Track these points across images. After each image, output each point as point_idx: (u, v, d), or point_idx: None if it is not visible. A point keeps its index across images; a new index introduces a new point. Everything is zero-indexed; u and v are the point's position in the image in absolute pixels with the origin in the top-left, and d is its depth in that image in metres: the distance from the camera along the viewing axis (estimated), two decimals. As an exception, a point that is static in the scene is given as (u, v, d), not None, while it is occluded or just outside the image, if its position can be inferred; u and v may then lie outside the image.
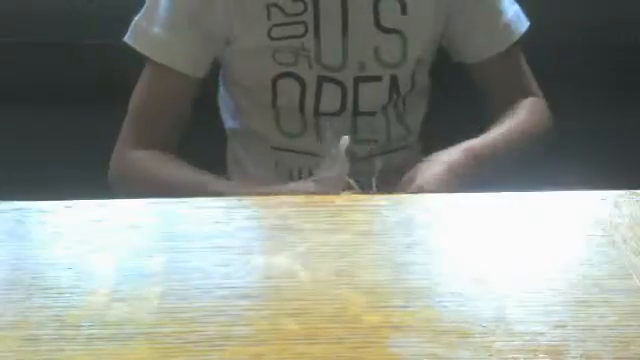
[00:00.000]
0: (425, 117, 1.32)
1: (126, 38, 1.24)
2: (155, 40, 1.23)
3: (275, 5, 1.20)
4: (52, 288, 0.75)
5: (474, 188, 1.03)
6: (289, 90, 1.23)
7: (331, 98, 1.23)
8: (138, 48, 1.23)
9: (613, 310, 0.73)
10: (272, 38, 1.20)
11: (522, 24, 1.29)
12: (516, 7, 1.29)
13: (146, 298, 0.74)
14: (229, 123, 1.33)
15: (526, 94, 1.30)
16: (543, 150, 1.25)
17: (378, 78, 1.23)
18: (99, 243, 0.82)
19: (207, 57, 1.25)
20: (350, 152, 1.24)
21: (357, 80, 1.23)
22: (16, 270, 0.77)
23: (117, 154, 1.25)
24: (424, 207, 0.89)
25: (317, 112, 1.24)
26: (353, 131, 1.24)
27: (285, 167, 1.27)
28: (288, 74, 1.23)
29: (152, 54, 1.23)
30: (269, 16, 1.20)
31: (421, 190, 1.07)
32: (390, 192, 1.08)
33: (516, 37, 1.28)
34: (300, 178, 1.26)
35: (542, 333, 0.71)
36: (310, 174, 1.25)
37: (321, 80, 1.22)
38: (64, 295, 0.74)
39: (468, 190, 0.99)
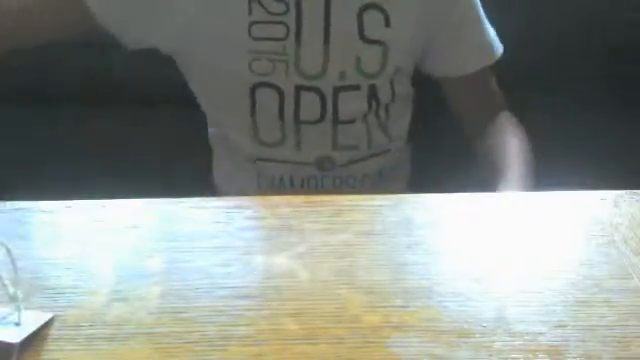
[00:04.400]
0: (409, 124, 1.31)
1: None
2: None
3: (257, 1, 1.18)
4: (52, 288, 0.75)
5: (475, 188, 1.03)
6: (267, 100, 1.21)
7: (310, 107, 1.21)
8: None
9: (613, 310, 0.73)
10: (253, 37, 1.18)
11: (499, 45, 1.29)
12: (492, 30, 1.29)
13: (146, 298, 0.74)
14: (211, 129, 1.31)
15: (495, 109, 1.30)
16: None
17: (357, 87, 1.22)
18: (99, 243, 0.82)
19: (121, 20, 1.19)
20: (330, 159, 1.25)
21: (336, 89, 1.21)
22: (16, 270, 0.77)
23: None
24: (424, 207, 0.89)
25: (297, 120, 1.22)
26: (333, 138, 1.24)
27: (267, 177, 1.26)
28: (265, 84, 1.20)
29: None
30: (250, 11, 1.18)
31: None
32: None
33: (495, 58, 1.28)
34: (281, 186, 1.25)
35: (542, 333, 0.71)
36: (291, 182, 1.25)
37: (299, 89, 1.21)
38: (64, 295, 0.74)
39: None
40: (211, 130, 1.32)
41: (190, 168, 1.38)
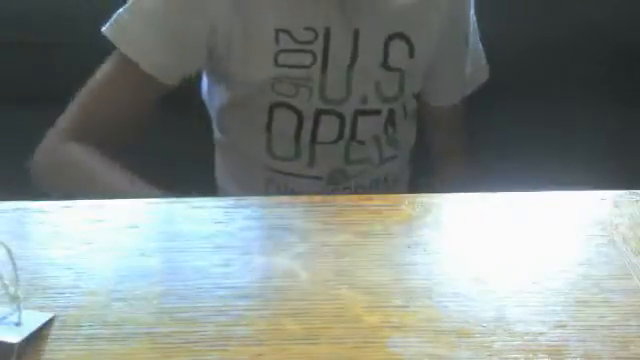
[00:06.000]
0: (415, 138, 1.32)
1: (104, 29, 1.18)
2: (132, 34, 1.17)
3: (285, 31, 1.17)
4: (52, 288, 0.75)
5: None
6: (284, 121, 1.21)
7: (329, 129, 1.22)
8: (112, 38, 1.17)
9: (613, 310, 0.73)
10: (278, 65, 1.18)
11: (484, 77, 1.30)
12: (483, 59, 1.29)
13: (146, 298, 0.74)
14: (217, 134, 1.31)
15: (462, 146, 1.32)
16: None
17: (378, 112, 1.23)
18: (99, 243, 0.82)
19: (183, 69, 1.20)
20: (344, 172, 1.25)
21: (357, 113, 1.22)
22: (16, 270, 0.77)
23: (49, 143, 1.18)
24: (424, 207, 0.89)
25: (313, 141, 1.23)
26: (346, 155, 1.24)
27: (277, 186, 1.26)
28: (285, 105, 1.20)
29: (124, 47, 1.17)
30: (277, 41, 1.18)
31: None
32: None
33: (474, 87, 1.29)
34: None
35: (542, 333, 0.71)
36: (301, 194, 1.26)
37: (319, 113, 1.21)
38: (64, 295, 0.74)
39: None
40: (219, 136, 1.31)
41: (192, 168, 1.38)
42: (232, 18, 1.16)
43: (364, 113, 1.22)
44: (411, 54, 1.20)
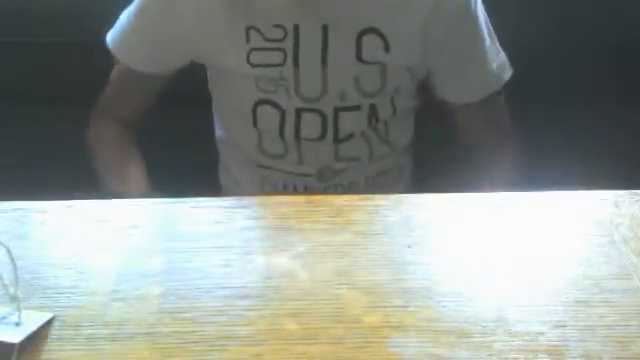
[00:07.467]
0: (413, 136, 1.31)
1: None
2: (121, 35, 1.25)
3: (254, 28, 1.18)
4: (52, 288, 0.75)
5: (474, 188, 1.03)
6: (268, 117, 1.22)
7: (311, 126, 1.22)
8: (108, 40, 1.26)
9: (613, 310, 0.73)
10: (252, 65, 1.19)
11: (505, 74, 1.28)
12: (502, 56, 1.27)
13: (146, 298, 0.74)
14: (218, 132, 1.33)
15: (500, 136, 1.30)
16: None
17: (357, 107, 1.22)
18: (99, 243, 0.82)
19: (170, 61, 1.26)
20: (332, 168, 1.25)
21: (337, 110, 1.22)
22: (16, 270, 0.77)
23: (93, 118, 1.31)
24: (424, 207, 0.89)
25: (298, 138, 1.23)
26: (335, 153, 1.24)
27: (271, 183, 1.27)
28: (268, 101, 1.21)
29: (114, 48, 1.26)
30: (248, 39, 1.19)
31: None
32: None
33: (496, 87, 1.27)
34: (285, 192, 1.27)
35: (542, 333, 0.71)
36: (294, 188, 1.26)
37: (300, 111, 1.22)
38: (64, 295, 0.75)
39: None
40: (218, 133, 1.32)
41: (197, 167, 1.38)
42: (203, 15, 1.18)
43: (344, 109, 1.22)
44: (386, 49, 1.20)
